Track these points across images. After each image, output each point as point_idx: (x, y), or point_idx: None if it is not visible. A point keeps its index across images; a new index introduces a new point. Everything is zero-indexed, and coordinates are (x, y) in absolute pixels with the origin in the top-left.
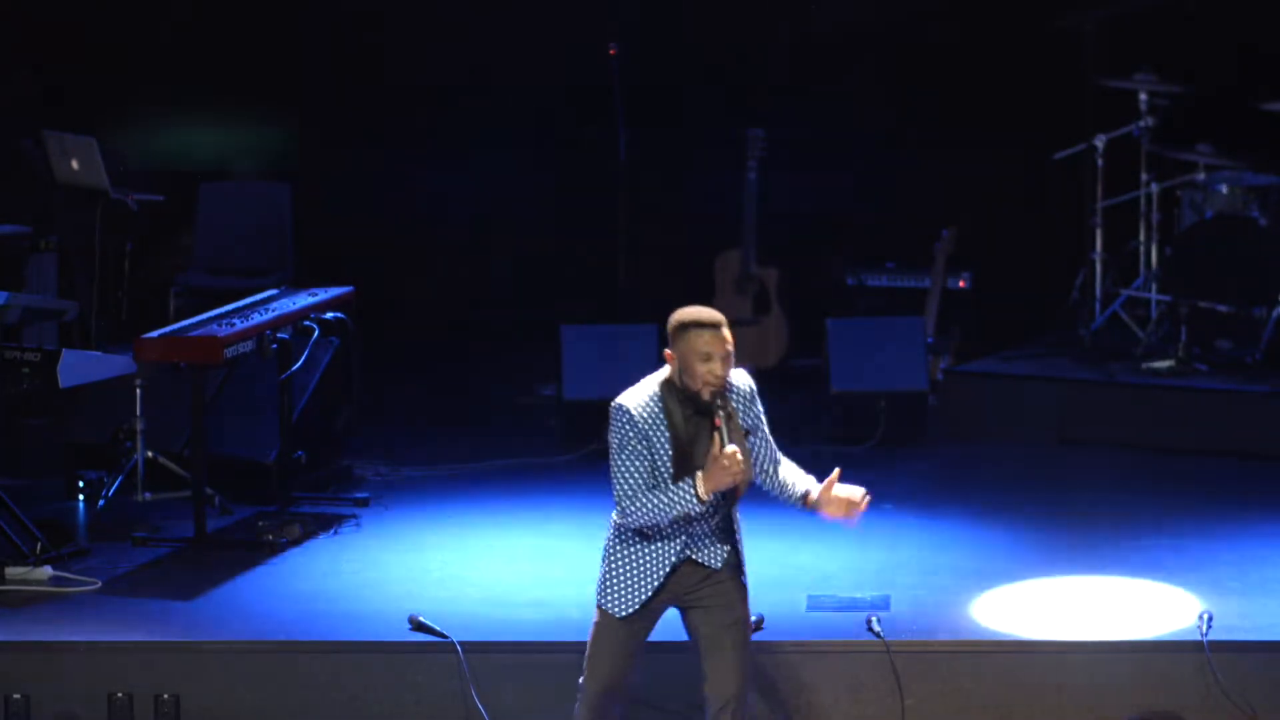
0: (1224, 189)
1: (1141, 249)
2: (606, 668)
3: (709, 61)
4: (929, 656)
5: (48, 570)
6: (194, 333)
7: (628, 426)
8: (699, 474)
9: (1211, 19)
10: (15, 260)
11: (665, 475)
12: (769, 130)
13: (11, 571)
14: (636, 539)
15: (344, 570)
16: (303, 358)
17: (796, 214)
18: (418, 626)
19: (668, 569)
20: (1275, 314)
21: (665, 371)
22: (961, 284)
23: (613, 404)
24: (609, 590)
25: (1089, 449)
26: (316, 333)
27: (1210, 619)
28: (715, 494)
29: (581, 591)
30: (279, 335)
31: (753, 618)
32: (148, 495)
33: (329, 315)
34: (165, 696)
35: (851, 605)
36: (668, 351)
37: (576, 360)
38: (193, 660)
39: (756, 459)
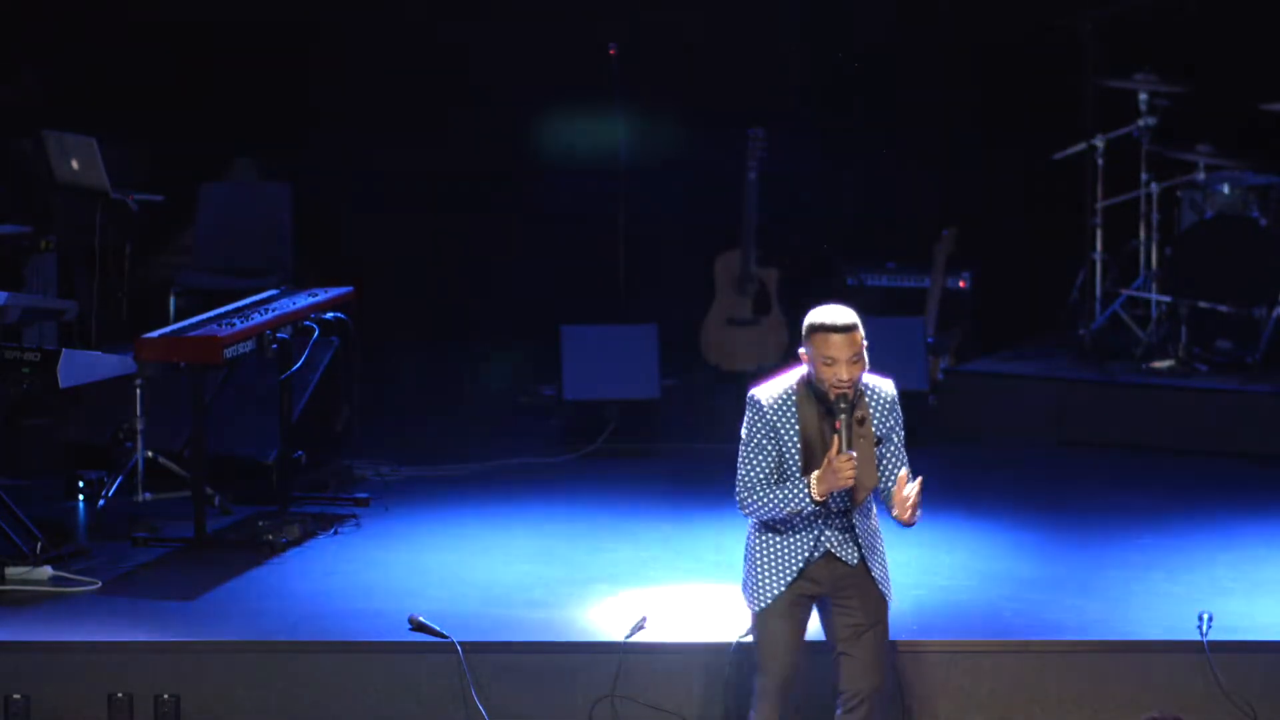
0: (1224, 189)
1: (1141, 249)
2: (776, 663)
3: (709, 61)
4: (929, 656)
5: (48, 570)
6: (194, 333)
7: (756, 418)
8: (814, 475)
9: (1211, 19)
10: (15, 260)
11: (794, 470)
12: (769, 130)
13: (11, 571)
14: (771, 533)
15: (344, 570)
16: (303, 358)
17: (796, 214)
18: (418, 626)
19: (801, 563)
20: (1275, 314)
21: (806, 367)
22: (961, 284)
23: (749, 393)
24: (749, 585)
25: (1089, 449)
26: (316, 333)
27: (1210, 619)
28: (834, 495)
29: (582, 591)
30: (279, 335)
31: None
32: (148, 495)
33: (329, 315)
34: (165, 696)
35: None
36: (801, 351)
37: (576, 360)
38: (193, 660)
39: (883, 468)
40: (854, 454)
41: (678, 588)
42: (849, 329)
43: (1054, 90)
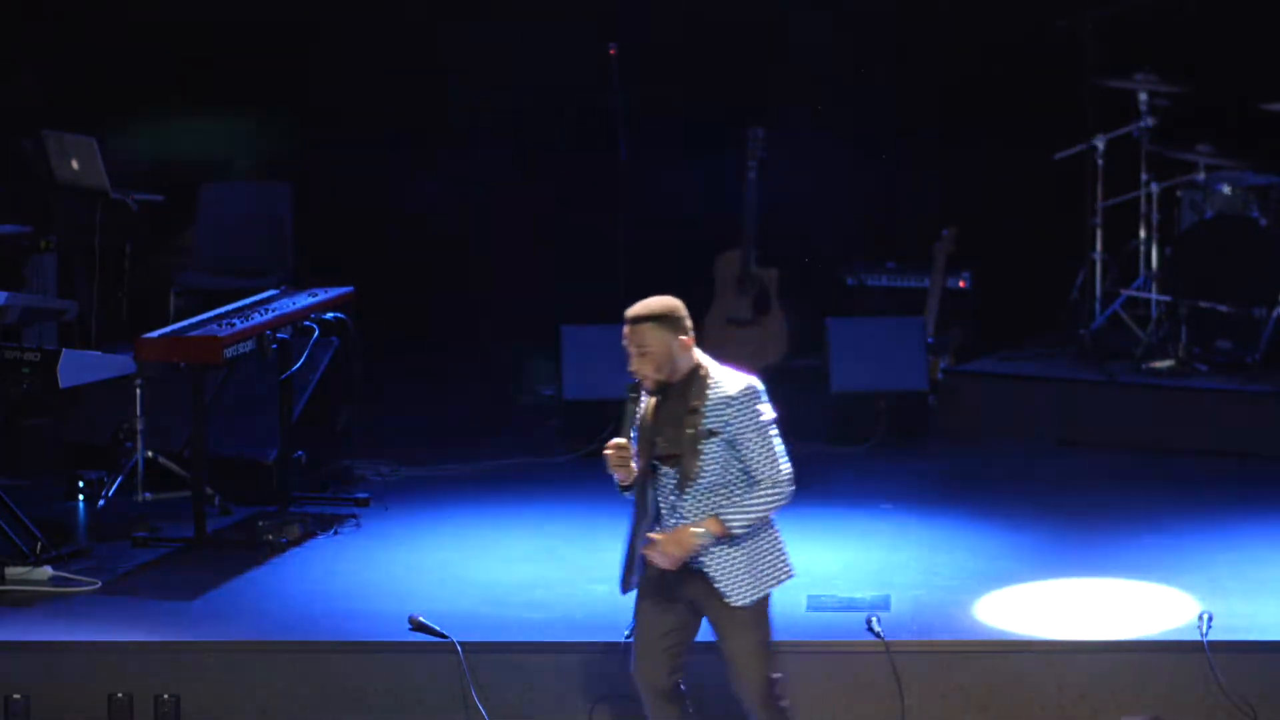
0: (1224, 189)
1: (1141, 249)
2: (635, 643)
3: (709, 61)
4: (929, 656)
5: (48, 570)
6: (194, 333)
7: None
8: None
9: (1211, 19)
10: (15, 260)
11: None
12: (769, 130)
13: (11, 571)
14: (639, 511)
15: (344, 570)
16: (303, 358)
17: (796, 214)
18: (418, 626)
19: (642, 557)
20: (1275, 314)
21: None
22: (961, 284)
23: None
24: (623, 565)
25: (1089, 449)
26: (316, 333)
27: (1210, 619)
28: (656, 487)
29: (581, 591)
30: (279, 335)
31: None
32: (148, 495)
33: (329, 315)
34: (165, 696)
35: (851, 605)
36: None
37: (576, 360)
38: (193, 660)
39: (711, 463)
40: (624, 441)
41: None
42: (634, 321)
43: (1054, 90)
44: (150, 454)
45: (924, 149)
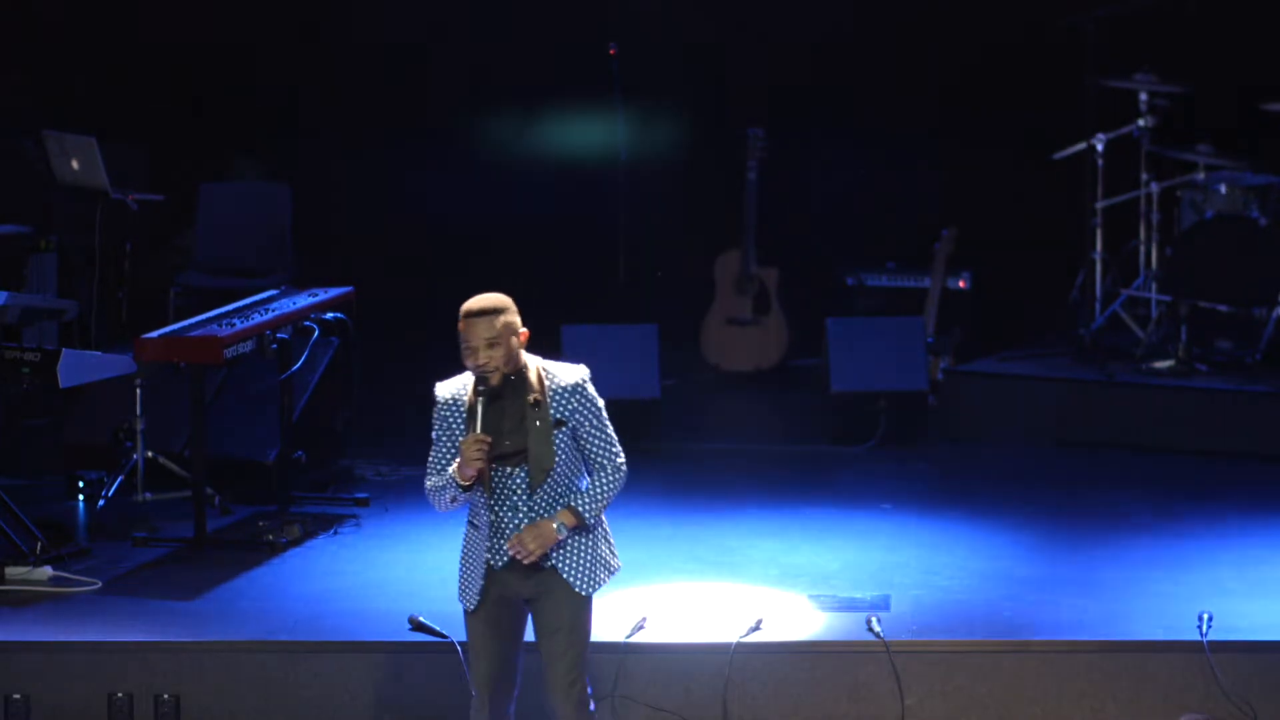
0: (1224, 189)
1: (1141, 249)
2: (475, 668)
3: (709, 61)
4: (929, 656)
5: (48, 570)
6: (194, 333)
7: (434, 411)
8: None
9: (1211, 19)
10: (15, 260)
11: None
12: (769, 130)
13: (11, 571)
14: (470, 528)
15: (344, 570)
16: (303, 358)
17: (796, 214)
18: (418, 626)
19: (485, 563)
20: (1275, 314)
21: None
22: (961, 284)
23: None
24: (460, 583)
25: (1089, 449)
26: (316, 333)
27: (1210, 619)
28: (509, 487)
29: None
30: (279, 335)
31: (753, 619)
32: (148, 495)
33: (329, 315)
34: (165, 696)
35: (851, 605)
36: None
37: (576, 360)
38: (193, 660)
39: (561, 454)
40: (487, 437)
41: (678, 587)
42: (482, 314)
43: (1054, 90)
44: (150, 454)
45: (924, 149)
